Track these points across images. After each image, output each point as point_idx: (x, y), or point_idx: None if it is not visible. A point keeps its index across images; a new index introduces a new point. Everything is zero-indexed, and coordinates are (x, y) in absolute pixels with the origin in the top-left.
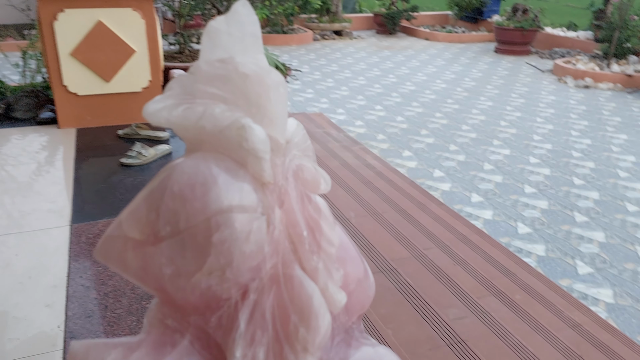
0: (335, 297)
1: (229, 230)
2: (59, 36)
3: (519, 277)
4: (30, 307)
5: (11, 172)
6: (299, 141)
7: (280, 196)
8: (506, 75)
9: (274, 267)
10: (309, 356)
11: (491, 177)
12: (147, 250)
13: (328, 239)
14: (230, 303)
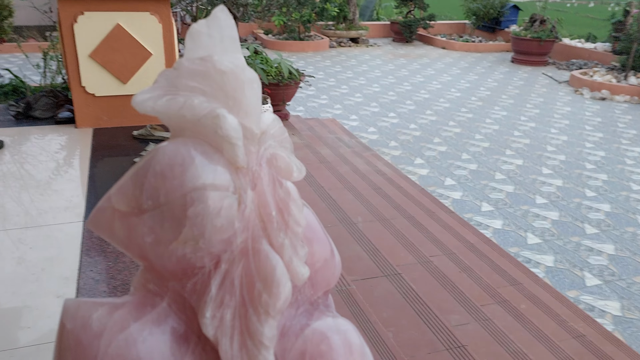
0: (298, 270)
1: (202, 205)
2: (79, 38)
3: (525, 286)
4: (42, 297)
5: (29, 169)
6: (276, 133)
7: (253, 180)
8: (522, 86)
9: (244, 241)
10: (270, 319)
11: (502, 186)
12: (131, 220)
13: (295, 220)
14: (204, 271)
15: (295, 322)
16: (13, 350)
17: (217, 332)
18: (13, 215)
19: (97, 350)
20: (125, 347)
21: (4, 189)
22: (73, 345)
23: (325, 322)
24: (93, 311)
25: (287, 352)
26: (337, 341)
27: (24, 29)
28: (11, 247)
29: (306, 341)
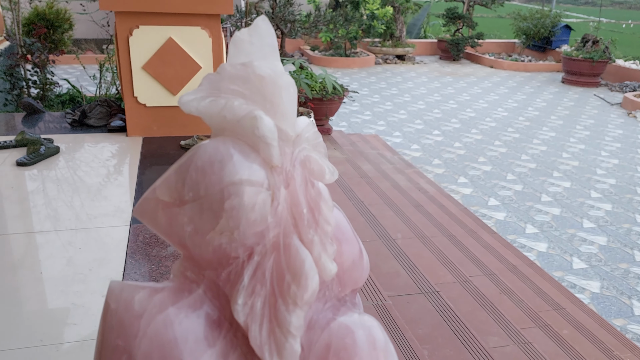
0: (326, 266)
1: (238, 199)
2: (133, 50)
3: (568, 312)
4: (88, 295)
5: (82, 175)
6: (310, 137)
7: (287, 179)
8: (572, 107)
9: (276, 236)
10: (297, 309)
11: (548, 209)
12: (173, 210)
13: (325, 218)
14: (237, 262)
15: (322, 316)
16: (59, 344)
17: (247, 319)
18: (65, 218)
19: (137, 329)
20: (163, 327)
21: (58, 193)
22: (116, 324)
23: (350, 317)
24: (135, 293)
25: (313, 344)
26: (362, 336)
27: (82, 41)
28: (61, 248)
29: (331, 334)
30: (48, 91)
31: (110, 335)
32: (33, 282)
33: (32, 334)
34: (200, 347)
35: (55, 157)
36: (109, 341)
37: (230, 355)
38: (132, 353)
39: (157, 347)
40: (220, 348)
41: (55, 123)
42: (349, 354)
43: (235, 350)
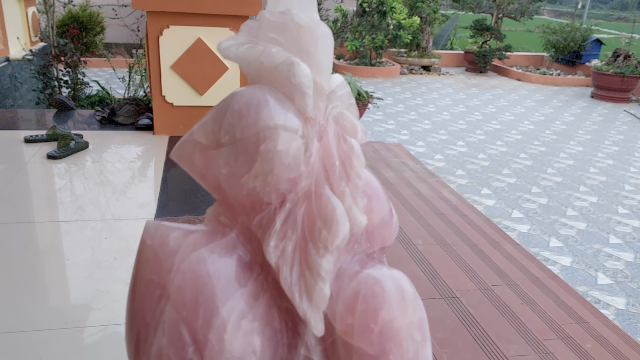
0: (357, 218)
1: (273, 143)
2: (163, 50)
3: (592, 326)
4: (112, 283)
5: (109, 169)
6: (343, 96)
7: (320, 132)
8: (600, 122)
9: (308, 186)
10: (328, 254)
11: (574, 223)
12: (209, 153)
13: (357, 173)
14: (270, 208)
15: (351, 267)
16: (83, 328)
17: (279, 261)
18: (91, 210)
19: (172, 264)
20: (196, 264)
21: (85, 185)
22: (152, 259)
23: (379, 269)
24: (170, 232)
25: (342, 292)
26: (390, 286)
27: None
28: (88, 237)
29: (360, 283)
30: (79, 91)
31: (145, 270)
32: (58, 268)
33: (56, 316)
34: (231, 285)
35: (84, 151)
36: (143, 276)
37: (260, 297)
38: (166, 287)
39: (190, 282)
40: (251, 289)
41: (84, 120)
42: (378, 301)
43: (266, 292)
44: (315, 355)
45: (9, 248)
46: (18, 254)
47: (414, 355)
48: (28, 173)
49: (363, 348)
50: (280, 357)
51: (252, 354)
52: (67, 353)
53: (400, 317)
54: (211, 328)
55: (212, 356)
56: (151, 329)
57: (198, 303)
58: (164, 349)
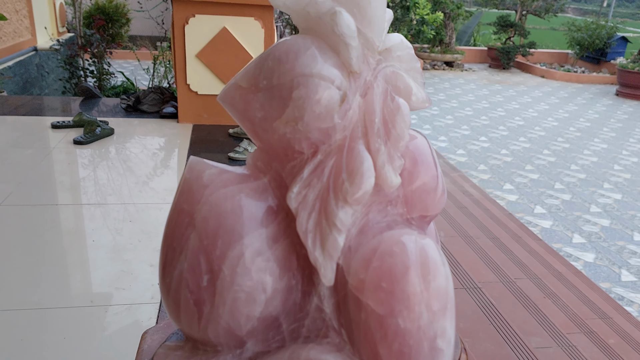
0: (389, 177)
1: (306, 90)
2: (188, 39)
3: (615, 322)
4: (137, 264)
5: (134, 155)
6: (403, 57)
7: (365, 88)
8: (626, 120)
9: (343, 139)
10: (346, 205)
11: (597, 220)
12: (248, 96)
13: (398, 133)
14: (302, 158)
15: (377, 226)
16: (107, 306)
17: (298, 207)
18: (117, 193)
19: (201, 196)
20: (223, 198)
21: (110, 170)
22: (186, 190)
23: (406, 231)
24: (207, 169)
25: (362, 247)
26: (412, 248)
27: (137, 38)
28: (114, 219)
29: (381, 241)
30: (104, 81)
31: (180, 199)
32: (84, 249)
33: (82, 295)
34: (253, 224)
35: (110, 138)
36: (178, 204)
37: (280, 241)
38: (194, 216)
39: (214, 214)
40: (272, 231)
41: (110, 108)
42: (394, 260)
43: (287, 238)
44: (327, 306)
45: (36, 229)
46: (45, 235)
47: (427, 323)
48: (55, 158)
49: (372, 306)
50: (294, 301)
51: (262, 291)
52: (92, 330)
53: (416, 281)
54: (226, 260)
55: (223, 286)
56: (177, 253)
57: (218, 235)
58: (184, 274)
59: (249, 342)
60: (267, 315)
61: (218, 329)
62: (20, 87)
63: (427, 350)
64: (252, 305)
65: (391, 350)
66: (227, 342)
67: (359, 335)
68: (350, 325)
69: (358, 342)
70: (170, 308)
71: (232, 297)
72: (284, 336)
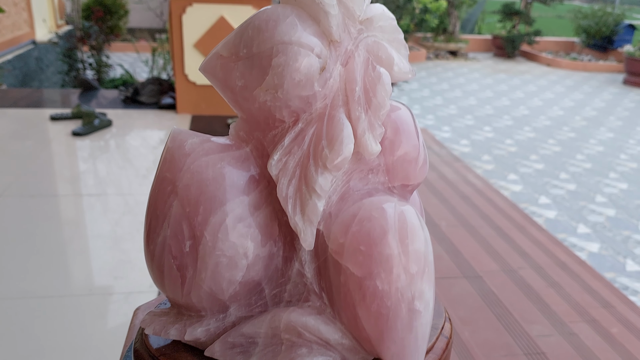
0: (369, 144)
1: (285, 58)
2: (186, 28)
3: (619, 310)
4: (134, 254)
5: (132, 146)
6: (385, 27)
7: (346, 57)
8: (633, 108)
9: (323, 108)
10: (326, 172)
11: (603, 209)
12: (229, 65)
13: (379, 101)
14: (283, 127)
15: (358, 194)
16: (106, 295)
17: (279, 173)
18: (116, 184)
19: (182, 164)
20: (204, 166)
21: (109, 161)
22: (168, 159)
23: (386, 198)
24: (189, 138)
25: (342, 213)
26: (390, 212)
27: (136, 30)
28: (111, 210)
29: (361, 206)
30: (103, 73)
31: (162, 168)
32: (83, 239)
33: (81, 284)
34: (234, 191)
35: (108, 129)
36: (160, 173)
37: (262, 208)
38: (175, 184)
39: (196, 182)
40: (254, 199)
41: (108, 100)
42: (372, 224)
43: (268, 206)
44: (308, 271)
45: (35, 220)
46: (44, 225)
47: (405, 285)
48: (54, 149)
49: (350, 268)
50: (276, 267)
51: (243, 256)
52: (91, 318)
53: (394, 245)
54: (207, 225)
55: (205, 251)
56: (160, 221)
57: (200, 202)
58: (167, 240)
59: (232, 307)
60: (249, 280)
61: (201, 294)
62: (20, 80)
63: (405, 312)
64: (234, 269)
65: (370, 311)
66: (210, 306)
67: (339, 298)
68: (330, 289)
69: (338, 305)
70: (154, 274)
71: (214, 262)
72: (266, 301)
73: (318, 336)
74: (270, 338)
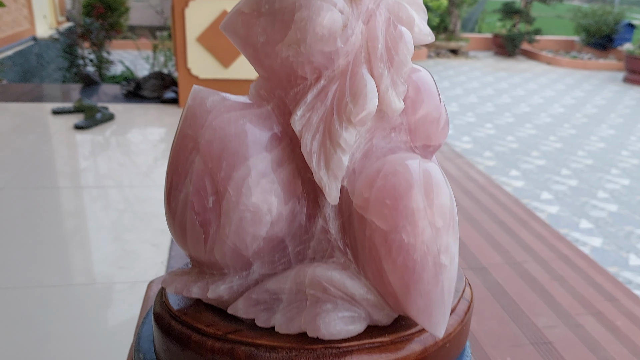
0: (393, 101)
1: (308, 12)
2: (188, 22)
3: (623, 304)
4: (140, 244)
5: (135, 139)
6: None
7: (367, 16)
8: (634, 105)
9: (346, 65)
10: (350, 126)
11: (605, 205)
12: (250, 21)
13: (401, 59)
14: (305, 83)
15: (381, 151)
16: (111, 284)
17: (302, 129)
18: (119, 176)
19: (204, 121)
20: (227, 123)
21: (112, 154)
22: (189, 116)
23: (410, 155)
24: (210, 95)
25: (366, 169)
26: (415, 167)
27: (137, 28)
28: (115, 201)
29: (385, 162)
30: (104, 69)
31: (184, 125)
32: (86, 230)
33: (86, 273)
34: (257, 147)
35: (110, 123)
36: (182, 130)
37: (285, 165)
38: (197, 140)
39: (218, 138)
40: (277, 155)
41: (110, 94)
42: (397, 179)
43: (291, 162)
44: (332, 227)
45: (39, 211)
46: (47, 216)
47: (431, 238)
48: (56, 142)
49: (376, 222)
50: (299, 223)
51: (267, 211)
52: (96, 306)
53: (419, 198)
54: (231, 180)
55: (228, 207)
56: (182, 177)
57: (222, 157)
58: (189, 197)
59: (255, 264)
60: (272, 236)
61: (224, 249)
62: (20, 76)
63: (431, 265)
64: (257, 225)
65: (395, 264)
66: (234, 263)
67: (364, 253)
68: (355, 245)
69: (363, 260)
70: (176, 232)
71: (238, 217)
72: (289, 258)
73: (343, 291)
74: (294, 294)
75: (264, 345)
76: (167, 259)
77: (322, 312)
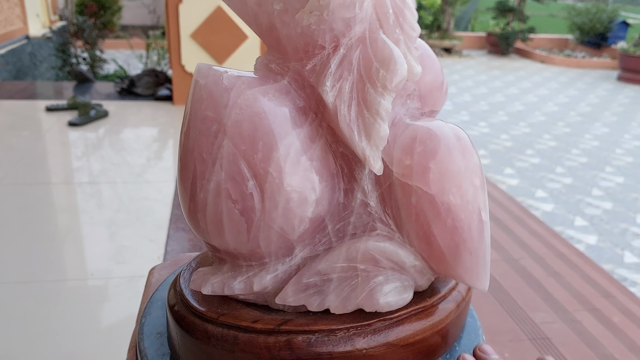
0: (413, 65)
1: None
2: (182, 18)
3: (619, 300)
4: (136, 240)
5: (129, 136)
6: None
7: None
8: (628, 104)
9: (362, 31)
10: (386, 93)
11: (599, 203)
12: None
13: (410, 24)
14: (323, 54)
15: (404, 118)
16: (108, 279)
17: (336, 100)
18: (115, 172)
19: (227, 100)
20: (253, 100)
21: (106, 151)
22: (206, 96)
23: (435, 120)
24: (223, 73)
25: (398, 137)
26: (447, 130)
27: (129, 27)
28: (112, 197)
29: (416, 129)
30: (97, 68)
31: (199, 107)
32: (82, 226)
33: (82, 268)
34: (288, 124)
35: (104, 119)
36: (198, 113)
37: (316, 140)
38: (222, 122)
39: (247, 117)
40: (308, 131)
41: (103, 92)
42: (435, 143)
43: (321, 138)
44: (372, 200)
45: (34, 207)
46: (42, 212)
47: (473, 197)
48: (51, 139)
49: (422, 187)
50: (337, 201)
51: (311, 190)
52: (93, 301)
53: (459, 159)
54: (271, 161)
55: (272, 189)
56: (209, 164)
57: (257, 137)
58: (222, 184)
59: (297, 248)
60: (317, 216)
61: (271, 235)
62: (13, 75)
63: (477, 223)
64: (304, 205)
65: (445, 226)
66: (277, 249)
67: (410, 220)
68: (398, 214)
69: (408, 228)
70: (208, 227)
71: (285, 199)
72: (330, 238)
73: (395, 260)
74: (345, 272)
75: (321, 330)
76: (164, 254)
77: (376, 286)
